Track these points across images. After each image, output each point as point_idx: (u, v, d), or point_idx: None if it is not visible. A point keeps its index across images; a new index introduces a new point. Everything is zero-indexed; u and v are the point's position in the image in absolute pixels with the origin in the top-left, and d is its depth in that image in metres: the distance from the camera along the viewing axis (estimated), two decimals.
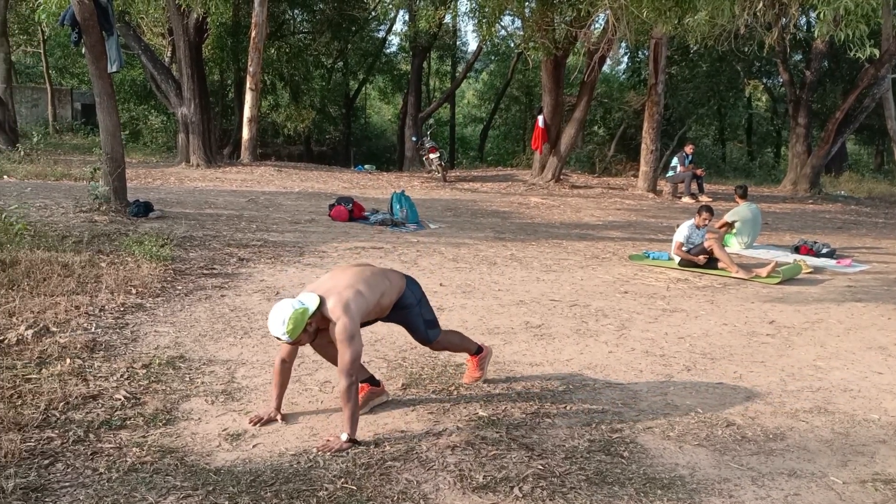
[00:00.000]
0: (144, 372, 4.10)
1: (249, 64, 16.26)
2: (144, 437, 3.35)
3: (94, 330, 4.68)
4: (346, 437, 3.33)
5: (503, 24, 18.51)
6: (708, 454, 3.49)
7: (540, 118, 16.00)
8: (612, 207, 13.19)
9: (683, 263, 8.05)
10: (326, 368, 4.24)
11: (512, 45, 22.95)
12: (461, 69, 27.82)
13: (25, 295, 5.12)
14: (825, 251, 9.20)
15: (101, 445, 3.24)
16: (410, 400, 3.96)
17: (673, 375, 4.60)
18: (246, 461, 3.20)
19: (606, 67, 23.41)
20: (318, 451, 3.30)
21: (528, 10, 14.47)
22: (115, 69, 8.53)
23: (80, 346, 4.35)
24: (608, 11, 9.87)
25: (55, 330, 4.57)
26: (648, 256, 8.48)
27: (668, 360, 4.91)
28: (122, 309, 5.15)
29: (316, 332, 3.46)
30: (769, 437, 3.72)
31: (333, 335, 3.37)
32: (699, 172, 15.22)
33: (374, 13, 24.49)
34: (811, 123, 18.63)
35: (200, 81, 15.34)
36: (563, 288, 6.82)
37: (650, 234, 10.48)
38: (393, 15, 25.46)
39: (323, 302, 3.37)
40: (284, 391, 3.66)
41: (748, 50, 14.43)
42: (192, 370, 4.20)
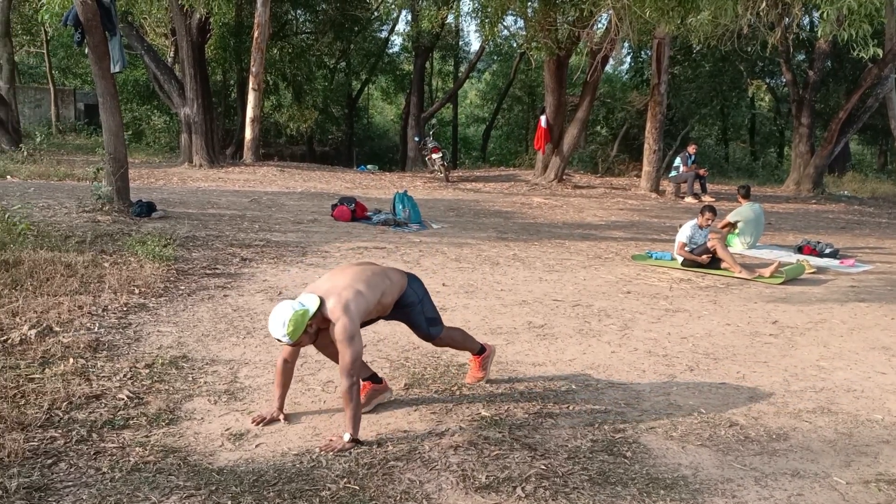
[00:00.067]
0: (147, 372, 4.10)
1: (252, 64, 16.27)
2: (147, 436, 3.35)
3: (97, 330, 4.69)
4: (348, 436, 3.33)
5: (506, 24, 18.49)
6: (711, 454, 3.48)
7: (543, 118, 15.99)
8: (614, 207, 13.18)
9: (686, 263, 8.04)
10: (329, 368, 4.24)
11: (514, 45, 22.96)
12: (464, 69, 27.82)
13: (29, 295, 5.13)
14: (828, 251, 9.18)
15: (104, 445, 3.24)
16: (413, 400, 3.96)
17: (676, 375, 4.60)
18: (249, 461, 3.20)
19: (609, 67, 23.37)
20: (320, 450, 3.30)
21: (530, 10, 14.46)
22: (117, 69, 8.55)
23: (83, 345, 4.36)
24: (611, 11, 9.86)
25: (58, 330, 4.58)
26: (651, 256, 8.47)
27: (670, 360, 4.90)
28: (125, 309, 5.16)
29: (317, 333, 3.46)
30: (772, 437, 3.72)
31: (333, 336, 3.37)
32: (702, 172, 15.19)
33: (376, 13, 24.52)
34: (814, 123, 18.61)
35: (203, 82, 15.36)
36: (565, 288, 6.82)
37: (653, 234, 10.47)
38: (395, 15, 25.56)
39: (323, 303, 3.37)
40: (287, 391, 3.66)
41: (751, 50, 14.43)
42: (194, 370, 4.20)
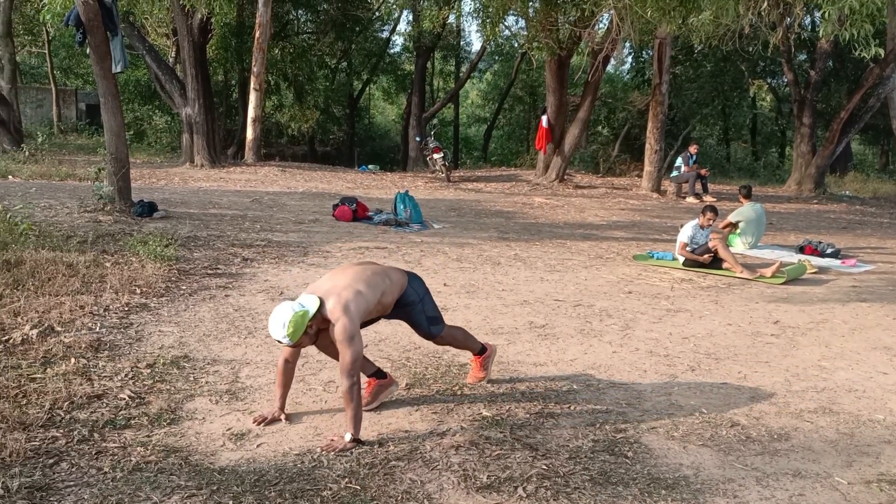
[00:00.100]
0: (149, 372, 4.11)
1: (253, 64, 16.28)
2: (149, 436, 3.36)
3: (98, 330, 4.69)
4: (349, 436, 3.34)
5: (507, 24, 18.46)
6: (712, 454, 3.48)
7: (544, 118, 15.99)
8: (616, 207, 13.17)
9: (688, 263, 8.04)
10: (330, 368, 4.25)
11: (516, 45, 22.93)
12: (465, 69, 27.84)
13: (30, 295, 5.13)
14: (830, 251, 9.18)
15: (105, 445, 3.24)
16: (414, 400, 3.96)
17: (677, 375, 4.60)
18: (250, 461, 3.20)
19: (610, 67, 23.38)
20: (321, 450, 3.30)
21: (531, 10, 14.46)
22: (119, 69, 8.56)
23: (84, 345, 4.36)
24: (612, 11, 9.85)
25: (60, 330, 4.58)
26: (652, 256, 8.47)
27: (672, 360, 4.90)
28: (126, 309, 5.16)
29: (317, 334, 3.47)
30: (774, 437, 3.72)
31: (333, 336, 3.37)
32: (703, 172, 15.18)
33: (377, 13, 24.51)
34: (816, 123, 18.58)
35: (204, 82, 15.37)
36: (567, 288, 6.82)
37: (654, 234, 10.46)
38: (397, 15, 25.56)
39: (323, 304, 3.38)
40: (288, 391, 3.66)
41: (752, 50, 14.43)
42: (196, 370, 4.20)
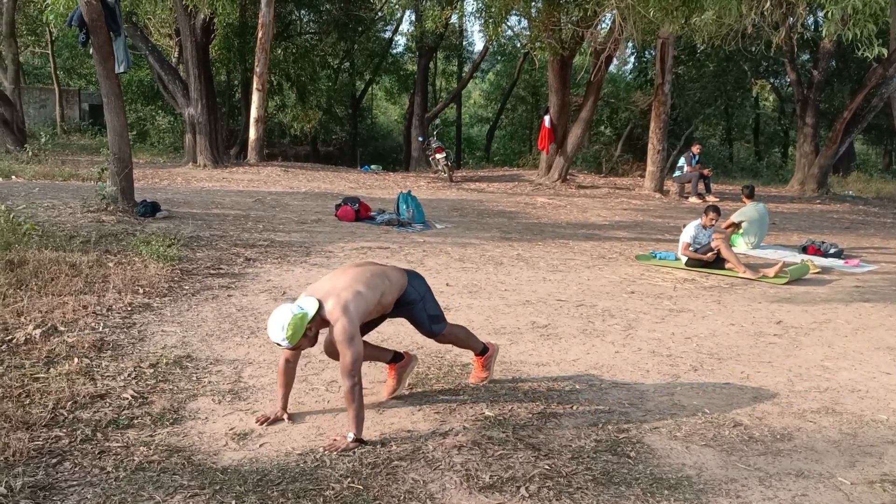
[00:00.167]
0: (152, 371, 4.11)
1: (256, 64, 16.30)
2: (152, 436, 3.36)
3: (101, 329, 4.70)
4: (352, 436, 3.34)
5: (509, 24, 18.53)
6: (715, 454, 3.48)
7: (546, 118, 15.99)
8: (618, 207, 13.16)
9: (690, 263, 8.03)
10: (333, 368, 4.25)
11: (518, 45, 22.98)
12: (467, 69, 27.83)
13: (33, 294, 5.14)
14: (833, 251, 9.16)
15: (108, 444, 3.25)
16: (417, 400, 3.96)
17: (680, 375, 4.59)
18: (253, 460, 3.21)
19: (613, 67, 23.41)
20: (324, 450, 3.31)
21: (534, 10, 14.46)
22: (122, 70, 8.56)
23: (87, 345, 4.37)
24: (615, 11, 9.85)
25: (63, 329, 4.59)
26: (655, 256, 8.46)
27: (674, 360, 4.90)
28: (129, 308, 5.17)
29: (316, 336, 3.47)
30: (776, 437, 3.71)
31: (333, 337, 3.37)
32: (706, 172, 15.17)
33: (380, 13, 24.51)
34: (819, 123, 18.55)
35: (207, 82, 15.39)
36: (569, 288, 6.81)
37: (657, 234, 10.45)
38: (399, 15, 25.54)
39: (322, 305, 3.38)
40: (290, 391, 3.67)
41: (755, 49, 14.42)
42: (199, 370, 4.21)
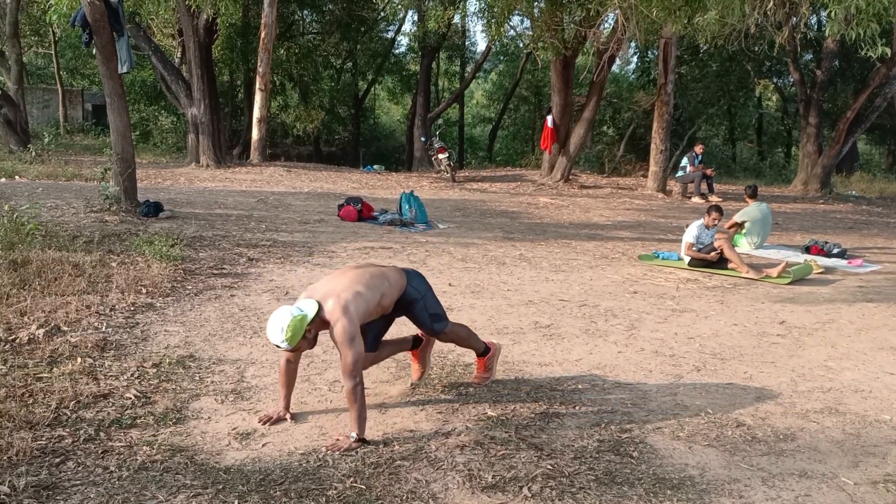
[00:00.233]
0: (155, 371, 4.12)
1: (259, 64, 16.31)
2: (155, 435, 3.37)
3: (104, 329, 4.71)
4: (354, 436, 3.34)
5: (512, 24, 18.53)
6: (718, 454, 3.48)
7: (549, 118, 15.98)
8: (621, 207, 13.15)
9: (693, 263, 8.03)
10: (335, 368, 4.25)
11: (521, 45, 22.93)
12: (470, 69, 27.80)
13: (37, 294, 5.15)
14: (836, 251, 9.15)
15: (111, 444, 3.26)
16: (419, 399, 3.96)
17: (682, 376, 4.59)
18: (255, 460, 3.21)
19: (616, 67, 23.35)
20: (327, 450, 3.31)
21: (537, 10, 14.45)
22: (125, 70, 8.57)
23: (90, 345, 4.38)
24: (617, 11, 9.85)
25: (66, 329, 4.60)
26: (658, 256, 8.45)
27: (677, 360, 4.89)
28: (132, 308, 5.18)
29: (315, 337, 3.47)
30: (779, 437, 3.71)
31: (334, 338, 3.37)
32: (709, 172, 15.15)
33: (383, 14, 24.50)
34: (822, 123, 18.51)
35: (210, 82, 15.40)
36: (572, 288, 6.81)
37: (660, 234, 10.44)
38: (402, 15, 25.52)
39: (321, 307, 3.38)
40: (292, 390, 3.67)
41: (758, 49, 14.36)
42: (201, 369, 4.22)
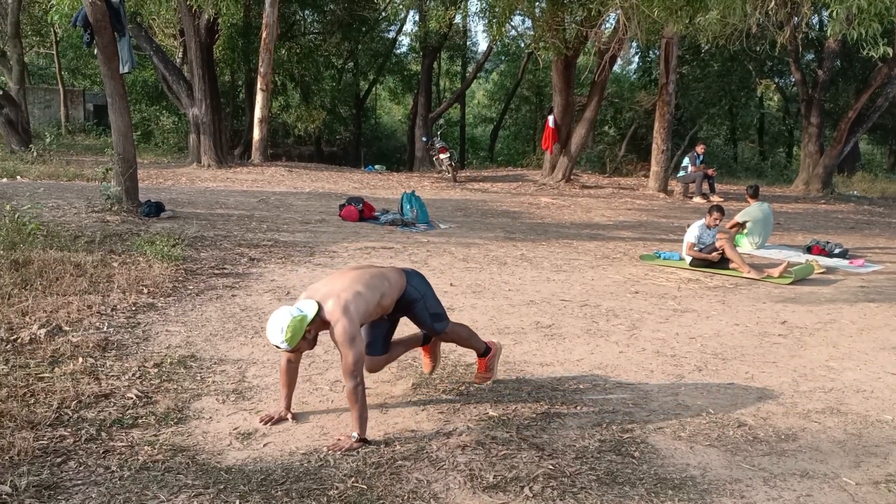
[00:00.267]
0: (156, 371, 4.12)
1: (260, 64, 16.32)
2: (156, 435, 3.37)
3: (106, 329, 4.71)
4: (356, 436, 3.34)
5: (513, 24, 18.51)
6: (719, 455, 3.47)
7: (550, 118, 15.98)
8: (622, 207, 13.15)
9: (695, 263, 8.02)
10: (337, 368, 4.25)
11: (522, 45, 22.93)
12: (471, 69, 27.81)
13: (38, 294, 5.15)
14: (838, 251, 9.14)
15: (113, 444, 3.26)
16: (421, 399, 3.96)
17: (684, 376, 4.59)
18: (257, 460, 3.21)
19: (617, 67, 23.34)
20: (328, 450, 3.31)
21: (538, 9, 14.45)
22: (126, 70, 8.58)
23: (92, 345, 4.38)
24: (619, 11, 9.85)
25: (67, 329, 4.60)
26: (659, 256, 8.45)
27: (679, 360, 4.89)
28: (133, 308, 5.18)
29: (315, 338, 3.47)
30: (781, 437, 3.70)
31: (334, 338, 3.37)
32: (710, 172, 15.15)
33: (384, 14, 24.52)
34: (823, 123, 18.50)
35: (211, 82, 15.41)
36: (573, 288, 6.81)
37: (661, 234, 10.44)
38: (403, 15, 25.52)
39: (321, 308, 3.37)
40: (293, 390, 3.67)
41: (760, 49, 14.37)
42: (203, 369, 4.22)
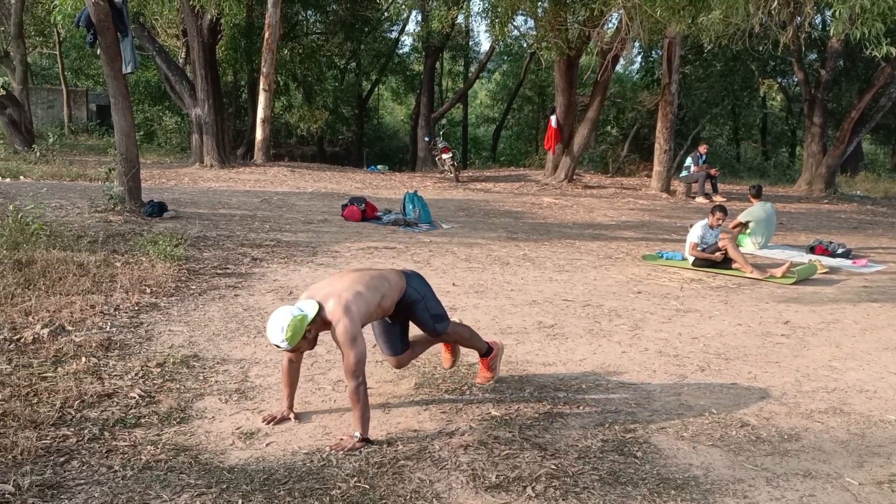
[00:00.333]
0: (159, 371, 4.13)
1: (263, 65, 16.33)
2: (159, 435, 3.37)
3: (109, 329, 4.72)
4: (358, 436, 3.34)
5: (516, 24, 18.45)
6: (722, 455, 3.47)
7: (553, 118, 15.97)
8: (625, 207, 13.14)
9: (697, 263, 8.01)
10: (339, 367, 4.25)
11: (524, 45, 22.90)
12: (474, 69, 27.78)
13: (41, 294, 5.16)
14: (840, 251, 9.13)
15: (115, 443, 3.26)
16: (423, 399, 3.96)
17: (686, 376, 4.58)
18: (259, 459, 3.21)
19: (619, 67, 23.32)
20: (330, 449, 3.31)
21: (540, 9, 14.44)
22: (129, 70, 8.60)
23: (95, 344, 4.39)
24: (621, 11, 9.83)
25: (71, 329, 4.61)
26: (662, 256, 8.44)
27: (681, 360, 4.88)
28: (136, 308, 5.19)
29: (315, 338, 3.47)
30: (784, 437, 3.70)
31: (335, 338, 3.37)
32: (713, 172, 15.13)
33: (386, 14, 24.54)
34: (826, 123, 18.47)
35: (214, 82, 15.43)
36: (575, 288, 6.80)
37: (663, 234, 10.43)
38: (406, 15, 25.55)
39: (322, 308, 3.38)
40: (295, 390, 3.67)
41: (763, 49, 14.34)
42: (205, 369, 4.22)
